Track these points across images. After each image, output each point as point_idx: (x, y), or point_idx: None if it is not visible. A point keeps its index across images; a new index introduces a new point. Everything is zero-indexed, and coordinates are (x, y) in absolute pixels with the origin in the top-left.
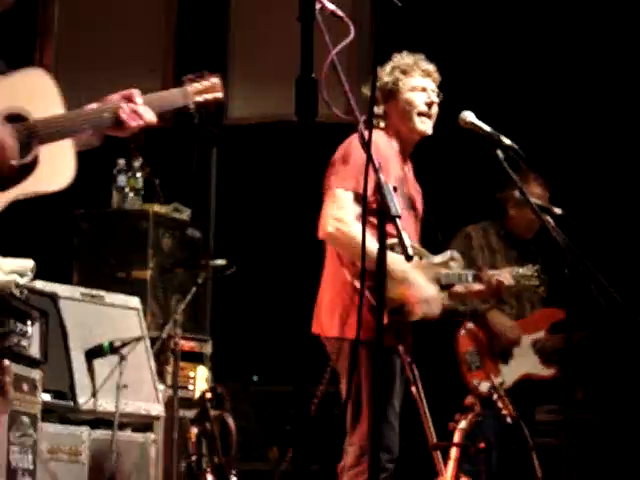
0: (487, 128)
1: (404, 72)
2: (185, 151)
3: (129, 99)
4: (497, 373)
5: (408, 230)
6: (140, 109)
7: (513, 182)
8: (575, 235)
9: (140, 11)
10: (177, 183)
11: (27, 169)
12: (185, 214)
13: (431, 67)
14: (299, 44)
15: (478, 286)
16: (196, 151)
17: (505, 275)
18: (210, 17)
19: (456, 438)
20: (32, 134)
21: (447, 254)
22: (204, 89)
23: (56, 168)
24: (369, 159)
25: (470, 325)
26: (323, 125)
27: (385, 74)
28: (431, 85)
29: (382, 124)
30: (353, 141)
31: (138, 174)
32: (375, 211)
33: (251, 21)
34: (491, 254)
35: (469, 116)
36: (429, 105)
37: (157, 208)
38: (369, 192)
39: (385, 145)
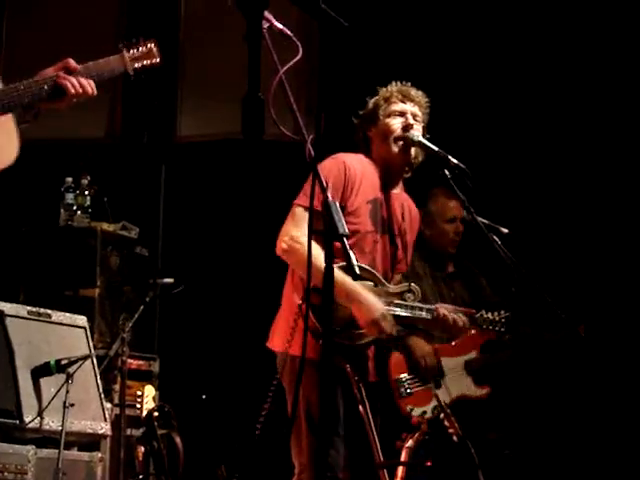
0: (434, 147)
1: (385, 99)
2: (133, 169)
3: (66, 68)
4: (430, 398)
5: (378, 253)
6: (80, 78)
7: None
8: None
9: (88, 29)
10: (125, 201)
11: None
12: (133, 232)
13: (414, 92)
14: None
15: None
16: (144, 169)
17: (460, 315)
18: (160, 36)
19: (403, 457)
20: None
21: (405, 285)
22: (141, 55)
23: (1, 145)
24: (315, 178)
25: (397, 352)
26: (272, 143)
27: (370, 102)
28: (412, 109)
29: (366, 148)
30: (324, 161)
31: (86, 192)
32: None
33: (201, 40)
34: (416, 280)
35: (417, 136)
36: (405, 128)
37: (105, 226)
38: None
39: (359, 166)
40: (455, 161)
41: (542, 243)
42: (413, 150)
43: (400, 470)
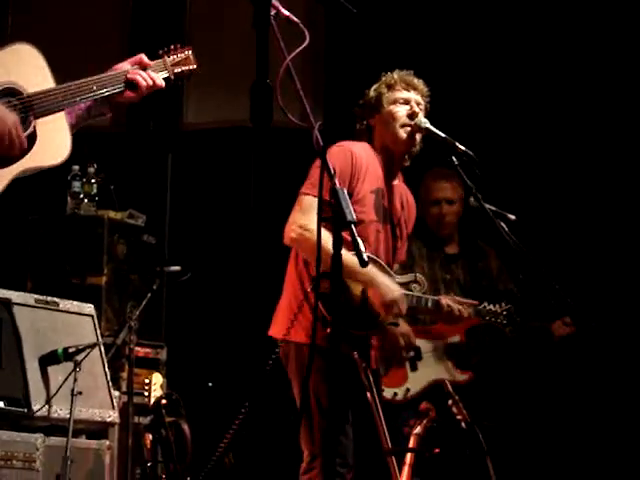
0: (442, 134)
1: (388, 87)
2: (140, 157)
3: (139, 63)
4: (403, 380)
5: (381, 243)
6: (150, 71)
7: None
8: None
9: (93, 19)
10: (132, 189)
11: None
12: (140, 220)
13: (417, 81)
14: (254, 50)
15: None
16: (151, 157)
17: (464, 306)
18: (165, 23)
19: (411, 443)
20: (28, 108)
21: (411, 275)
22: (180, 61)
23: (53, 142)
24: (323, 166)
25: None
26: (279, 130)
27: (371, 90)
28: (416, 97)
29: (368, 138)
30: (331, 148)
31: (93, 180)
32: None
33: (207, 27)
34: (410, 262)
35: (424, 122)
36: (410, 116)
37: (112, 214)
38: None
39: (365, 155)
40: (462, 148)
41: (550, 230)
42: (418, 137)
43: (408, 457)
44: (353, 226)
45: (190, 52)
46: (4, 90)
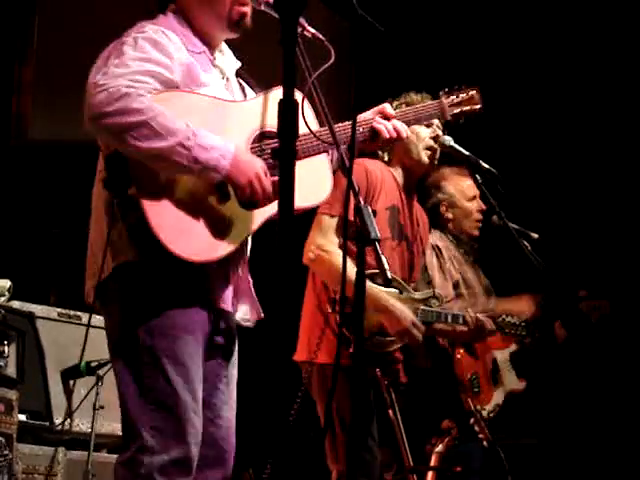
0: (466, 152)
1: (409, 106)
2: None
3: (382, 113)
4: (491, 396)
5: (396, 260)
6: (395, 123)
7: (434, 185)
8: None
9: (120, 32)
10: None
11: None
12: None
13: None
14: (281, 66)
15: (461, 327)
16: None
17: (488, 319)
18: None
19: (433, 461)
20: None
21: (430, 292)
22: (461, 101)
23: (311, 183)
24: (349, 185)
25: (463, 348)
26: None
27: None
28: (436, 121)
29: (386, 157)
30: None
31: None
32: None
33: (233, 44)
34: (459, 264)
35: (448, 140)
36: (434, 139)
37: None
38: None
39: (381, 174)
40: (486, 166)
41: (572, 248)
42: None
43: (430, 475)
44: (377, 244)
45: (475, 92)
46: (260, 134)
